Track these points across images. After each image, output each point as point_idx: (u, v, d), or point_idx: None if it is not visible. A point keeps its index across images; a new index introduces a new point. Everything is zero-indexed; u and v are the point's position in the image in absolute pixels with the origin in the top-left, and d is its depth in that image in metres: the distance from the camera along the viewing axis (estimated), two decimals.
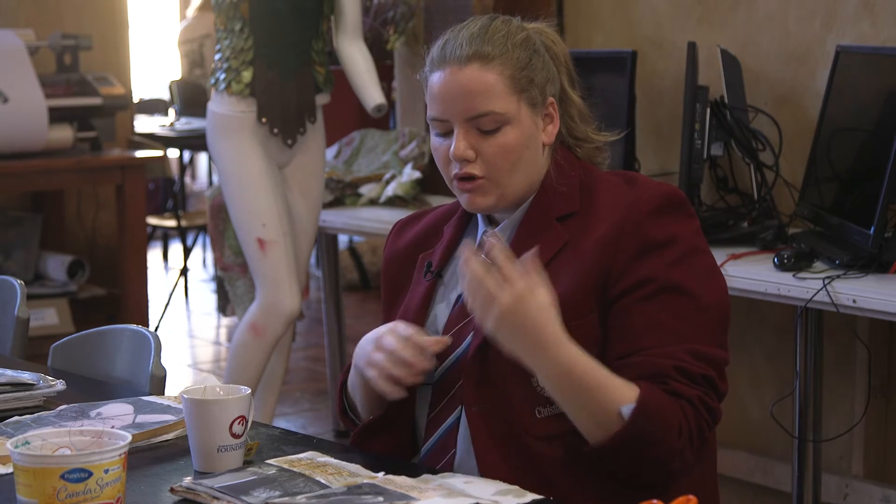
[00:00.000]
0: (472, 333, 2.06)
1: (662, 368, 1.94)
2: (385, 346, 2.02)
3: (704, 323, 1.99)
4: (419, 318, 2.13)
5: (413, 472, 1.90)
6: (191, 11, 8.36)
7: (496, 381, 2.03)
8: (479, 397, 2.04)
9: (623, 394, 1.91)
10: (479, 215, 2.16)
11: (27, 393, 2.31)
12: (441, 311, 2.13)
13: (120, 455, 1.72)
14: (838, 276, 3.11)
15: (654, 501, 1.53)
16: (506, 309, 1.88)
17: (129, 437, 1.76)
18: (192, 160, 9.57)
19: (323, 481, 1.85)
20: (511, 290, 1.88)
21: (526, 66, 2.07)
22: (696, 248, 2.04)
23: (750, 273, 3.29)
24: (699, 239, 2.06)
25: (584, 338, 1.97)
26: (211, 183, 8.60)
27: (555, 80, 2.12)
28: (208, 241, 5.95)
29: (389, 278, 2.24)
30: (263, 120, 4.03)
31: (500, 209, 2.10)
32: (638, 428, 1.90)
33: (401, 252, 2.23)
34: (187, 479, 1.87)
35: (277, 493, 1.80)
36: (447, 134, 2.07)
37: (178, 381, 5.43)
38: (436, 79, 2.07)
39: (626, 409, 1.90)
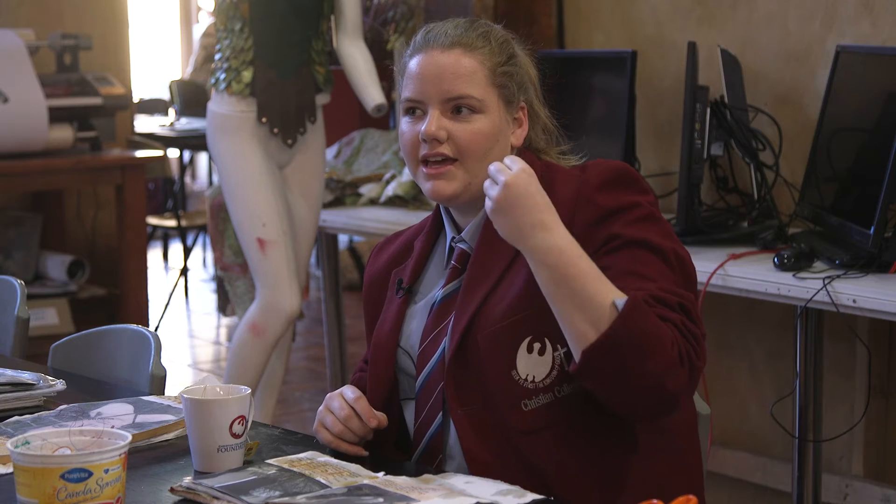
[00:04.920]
0: (446, 339, 2.07)
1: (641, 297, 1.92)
2: (333, 409, 2.06)
3: (669, 272, 1.98)
4: (393, 335, 2.14)
5: (413, 472, 1.91)
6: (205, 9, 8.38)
7: (477, 380, 2.03)
8: (462, 399, 2.05)
9: (615, 290, 1.90)
10: (446, 225, 2.16)
11: (27, 393, 2.31)
12: (415, 327, 2.14)
13: (120, 455, 1.73)
14: (838, 276, 3.11)
15: (654, 501, 1.53)
16: (511, 180, 1.89)
17: (129, 437, 1.76)
18: (192, 160, 9.57)
19: (323, 481, 1.85)
20: (518, 168, 1.90)
21: (505, 63, 2.10)
22: (654, 215, 2.03)
23: (750, 273, 3.29)
24: (656, 210, 2.05)
25: (553, 322, 1.97)
26: (211, 183, 8.60)
27: (528, 88, 2.14)
28: (208, 241, 5.95)
29: (369, 300, 2.25)
30: (263, 120, 4.03)
31: (462, 201, 2.09)
32: (632, 322, 1.86)
33: (378, 273, 2.25)
34: (187, 479, 1.87)
35: (277, 493, 1.80)
36: (418, 117, 2.09)
37: (178, 381, 5.43)
38: (415, 61, 2.10)
39: (620, 302, 1.88)
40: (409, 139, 2.09)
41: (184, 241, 7.48)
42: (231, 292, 4.69)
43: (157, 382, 2.46)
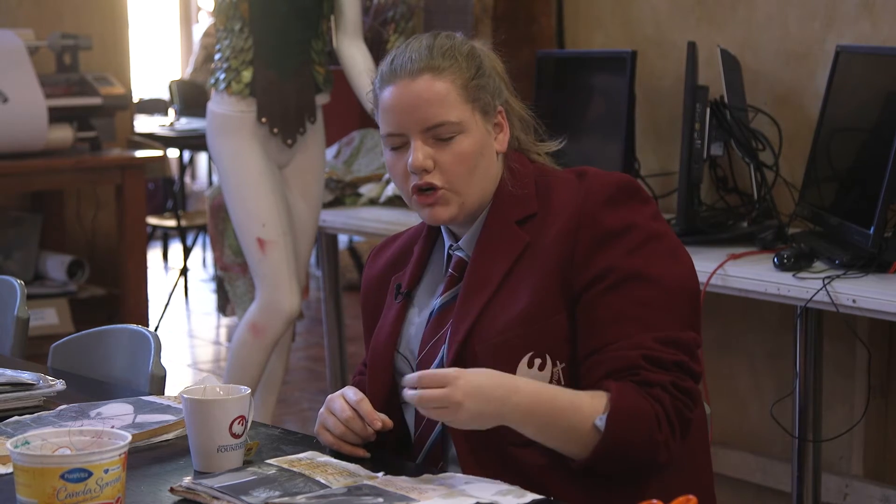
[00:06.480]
0: (445, 347, 2.07)
1: (631, 360, 1.94)
2: (334, 411, 2.06)
3: (670, 307, 1.99)
4: (391, 340, 2.15)
5: (413, 473, 1.91)
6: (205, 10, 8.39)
7: None
8: None
9: (593, 407, 1.93)
10: (443, 232, 2.17)
11: (27, 393, 2.31)
12: (414, 333, 2.14)
13: (120, 455, 1.72)
14: (838, 276, 3.11)
15: (654, 501, 1.53)
16: (458, 398, 1.88)
17: (129, 437, 1.76)
18: (192, 160, 9.57)
19: (323, 481, 1.85)
20: (448, 378, 1.89)
21: (475, 75, 2.10)
22: (655, 233, 2.03)
23: (750, 273, 3.29)
24: (657, 223, 2.05)
25: (554, 338, 1.98)
26: (211, 183, 8.60)
27: (500, 90, 2.14)
28: (208, 241, 5.95)
29: (367, 304, 2.26)
30: (263, 120, 4.03)
31: (461, 220, 2.11)
32: (616, 434, 1.92)
33: (375, 277, 2.25)
34: (187, 479, 1.87)
35: (277, 493, 1.80)
36: (402, 148, 2.09)
37: (178, 381, 5.43)
38: (388, 94, 2.09)
39: (600, 421, 1.92)
40: (399, 171, 2.10)
41: (184, 241, 7.48)
42: (231, 292, 4.69)
43: (157, 382, 2.46)
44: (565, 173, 2.12)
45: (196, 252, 8.51)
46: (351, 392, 2.07)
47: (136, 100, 6.75)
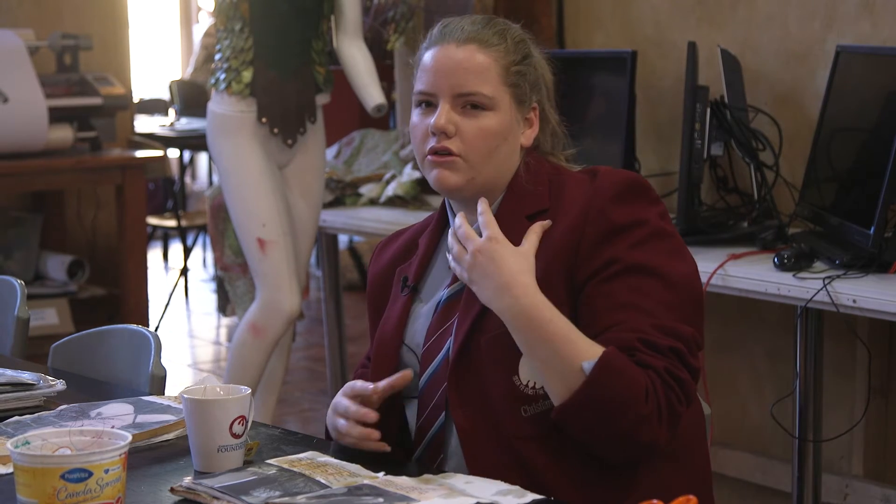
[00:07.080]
0: (450, 339, 2.07)
1: (628, 342, 1.94)
2: (343, 411, 2.06)
3: (671, 300, 1.99)
4: (398, 332, 2.15)
5: (413, 472, 1.91)
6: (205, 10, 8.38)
7: (478, 383, 2.04)
8: (463, 401, 2.05)
9: (587, 350, 1.92)
10: (450, 225, 2.17)
11: (27, 393, 2.31)
12: (420, 326, 2.14)
13: (120, 455, 1.73)
14: (838, 276, 3.11)
15: (654, 501, 1.53)
16: (478, 247, 1.96)
17: (129, 437, 1.76)
18: (192, 160, 9.57)
19: (323, 481, 1.85)
20: (486, 235, 1.98)
21: (520, 62, 2.11)
22: (661, 231, 2.04)
23: (750, 273, 3.29)
24: (664, 222, 2.06)
25: None
26: (211, 183, 8.60)
27: (541, 89, 2.15)
28: (208, 241, 5.95)
29: (373, 297, 2.26)
30: (263, 120, 4.03)
31: (467, 194, 2.10)
32: (599, 384, 1.89)
33: (382, 271, 2.25)
34: (187, 479, 1.87)
35: (277, 493, 1.80)
36: (429, 110, 2.10)
37: (178, 381, 5.43)
38: (431, 54, 2.11)
39: (588, 365, 1.90)
40: (420, 132, 2.11)
41: (184, 241, 7.48)
42: (231, 292, 4.69)
43: (157, 382, 2.46)
44: (579, 174, 2.13)
45: (196, 252, 8.51)
46: (359, 384, 2.07)
47: (136, 100, 6.75)
